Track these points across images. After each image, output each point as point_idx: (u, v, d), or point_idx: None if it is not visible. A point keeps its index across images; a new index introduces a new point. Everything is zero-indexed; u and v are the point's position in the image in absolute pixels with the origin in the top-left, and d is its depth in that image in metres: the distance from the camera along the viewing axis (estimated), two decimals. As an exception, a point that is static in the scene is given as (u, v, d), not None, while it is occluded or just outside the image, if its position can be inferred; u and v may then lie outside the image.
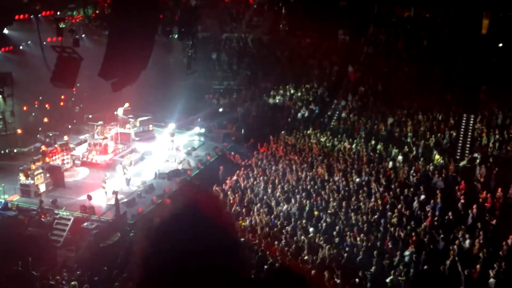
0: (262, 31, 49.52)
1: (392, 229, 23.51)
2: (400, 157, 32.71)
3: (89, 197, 27.18)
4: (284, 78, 46.32)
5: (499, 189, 27.42)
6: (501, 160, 31.65)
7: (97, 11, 30.89)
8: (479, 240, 22.42)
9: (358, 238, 22.58)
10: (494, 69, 39.64)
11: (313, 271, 20.14)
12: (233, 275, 2.17)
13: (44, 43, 31.91)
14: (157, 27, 24.49)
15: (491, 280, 19.67)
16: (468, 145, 35.35)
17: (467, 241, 22.61)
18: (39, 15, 31.51)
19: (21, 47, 36.62)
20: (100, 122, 36.64)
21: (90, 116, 40.84)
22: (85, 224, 25.91)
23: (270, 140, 36.37)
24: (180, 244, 2.15)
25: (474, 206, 25.47)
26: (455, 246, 22.00)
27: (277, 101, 43.94)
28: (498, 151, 32.90)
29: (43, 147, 32.21)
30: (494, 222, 24.10)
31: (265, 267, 19.89)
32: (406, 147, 34.36)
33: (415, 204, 26.27)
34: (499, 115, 35.78)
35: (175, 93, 45.94)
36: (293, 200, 26.88)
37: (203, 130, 39.65)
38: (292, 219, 24.95)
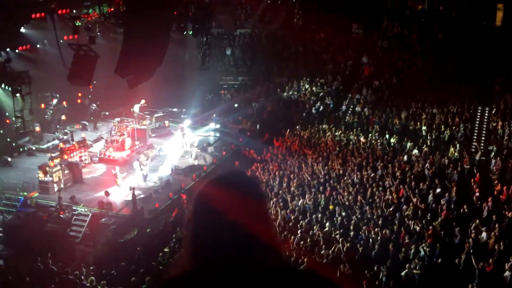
0: (276, 26, 49.56)
1: (407, 222, 23.59)
2: (415, 151, 32.74)
3: (107, 193, 27.45)
4: (299, 73, 46.40)
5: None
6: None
7: (112, 9, 31.07)
8: (495, 233, 22.42)
9: (373, 232, 22.67)
10: (509, 61, 39.46)
11: (328, 265, 20.29)
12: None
13: (61, 41, 32.25)
14: (172, 24, 24.73)
15: (507, 273, 19.65)
16: (483, 138, 35.25)
17: (483, 234, 22.64)
18: (55, 13, 31.79)
19: (38, 46, 36.96)
20: (117, 119, 36.95)
21: (107, 113, 41.21)
22: (103, 220, 26.19)
23: (285, 135, 36.52)
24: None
25: (490, 199, 25.44)
26: (470, 239, 22.03)
27: (292, 96, 44.03)
28: (513, 143, 32.82)
29: (61, 144, 32.54)
30: (510, 214, 24.05)
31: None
32: (420, 140, 34.36)
33: (430, 197, 26.29)
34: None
35: (190, 90, 46.22)
36: (308, 195, 27.00)
37: (218, 126, 39.83)
38: (308, 214, 25.08)
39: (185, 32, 34.61)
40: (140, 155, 32.87)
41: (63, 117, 38.55)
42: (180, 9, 30.23)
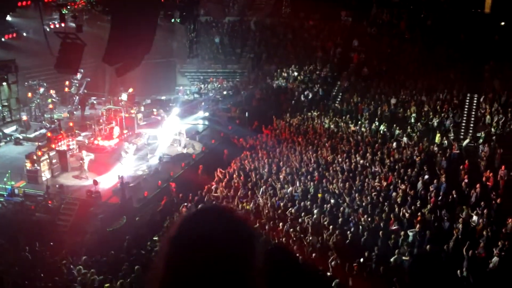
0: (264, 14, 49.43)
1: (396, 209, 23.66)
2: (404, 138, 32.82)
3: (95, 182, 27.32)
4: (288, 61, 46.34)
5: (503, 167, 27.53)
6: (504, 139, 31.73)
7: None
8: (483, 219, 22.57)
9: (362, 219, 22.71)
10: (497, 48, 39.62)
11: (317, 253, 20.34)
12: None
13: (48, 29, 31.97)
14: (159, 11, 24.59)
15: (495, 258, 19.77)
16: (472, 125, 35.37)
17: (474, 217, 22.79)
18: (41, 1, 31.48)
19: (24, 34, 36.65)
20: (105, 108, 36.71)
21: (94, 102, 40.96)
22: (92, 208, 26.10)
23: (274, 123, 36.47)
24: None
25: (478, 185, 25.59)
26: (460, 225, 22.15)
27: (281, 83, 43.98)
28: (501, 130, 32.99)
29: (49, 133, 32.30)
30: (498, 200, 24.18)
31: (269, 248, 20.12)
32: (409, 127, 34.44)
33: (419, 184, 26.38)
34: (502, 94, 35.77)
35: (178, 78, 46.14)
36: (297, 182, 27.00)
37: (207, 114, 39.69)
38: (297, 201, 25.08)
39: (173, 20, 34.41)
40: (129, 143, 32.71)
41: (50, 105, 38.22)
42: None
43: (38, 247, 21.62)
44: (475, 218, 22.81)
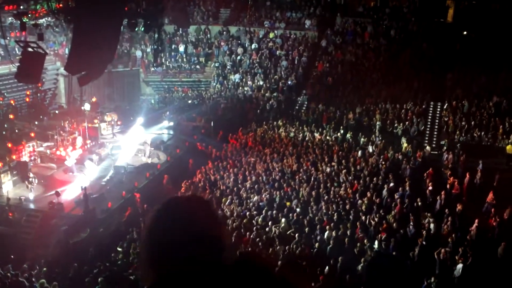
0: (229, 22, 49.43)
1: (362, 217, 23.72)
2: (369, 146, 33.01)
3: (57, 193, 26.84)
4: (252, 69, 46.37)
5: (467, 175, 27.84)
6: (467, 146, 32.17)
7: (61, 4, 30.34)
8: (447, 226, 22.77)
9: (328, 227, 22.70)
10: (459, 57, 40.28)
11: (282, 262, 20.23)
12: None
13: (8, 38, 31.39)
14: (122, 20, 24.31)
15: (459, 265, 19.92)
16: (435, 132, 35.80)
17: (432, 225, 22.98)
18: (1, 9, 30.86)
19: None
20: (68, 118, 36.15)
21: (57, 112, 40.33)
22: (54, 220, 25.62)
23: (239, 132, 36.37)
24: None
25: (442, 192, 25.84)
26: (424, 232, 22.32)
27: (246, 92, 43.96)
28: (464, 138, 33.46)
29: (9, 144, 31.64)
30: (460, 207, 24.41)
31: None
32: (374, 135, 34.66)
33: (385, 191, 26.51)
34: (465, 102, 36.28)
35: (142, 87, 45.77)
36: (263, 191, 26.92)
37: (172, 124, 39.38)
38: (263, 210, 24.98)
39: (136, 29, 34.12)
40: (92, 154, 32.28)
41: (11, 116, 37.48)
42: (132, 5, 29.75)
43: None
44: (432, 226, 23.02)
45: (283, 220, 23.54)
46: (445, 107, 37.07)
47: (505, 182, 27.46)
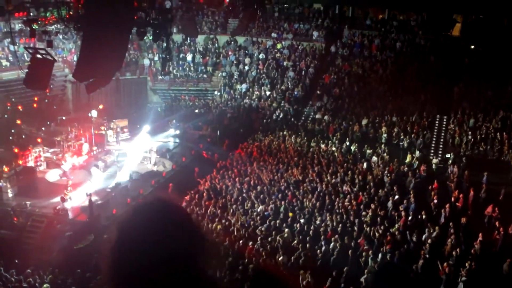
0: (237, 32, 49.58)
1: (367, 229, 23.67)
2: (374, 158, 32.98)
3: (63, 199, 26.93)
4: (259, 80, 46.47)
5: (471, 189, 27.77)
6: (473, 160, 32.11)
7: (71, 12, 30.53)
8: (451, 239, 22.67)
9: (332, 239, 22.67)
10: (466, 70, 40.32)
11: (288, 272, 20.22)
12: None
13: (17, 44, 31.61)
14: (131, 28, 24.42)
15: (463, 278, 19.84)
16: (441, 146, 35.74)
17: (436, 238, 22.92)
18: (12, 16, 31.16)
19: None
20: (75, 124, 36.30)
21: (64, 118, 40.48)
22: (59, 226, 25.68)
23: (245, 142, 36.40)
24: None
25: (447, 206, 25.75)
26: (427, 245, 22.23)
27: (253, 102, 44.02)
28: (470, 151, 33.41)
29: (15, 149, 31.79)
30: (465, 220, 24.32)
31: (240, 267, 20.00)
32: (379, 147, 34.62)
33: (389, 204, 26.46)
34: (471, 116, 36.26)
35: (149, 95, 45.87)
36: (268, 201, 26.91)
37: (178, 132, 39.46)
38: (267, 220, 24.97)
39: (145, 37, 34.29)
40: (98, 160, 32.38)
41: (18, 121, 37.66)
42: (141, 14, 29.90)
43: (2, 265, 21.15)
44: (434, 235, 23.03)
45: (286, 230, 23.53)
46: (451, 120, 37.03)
47: (511, 197, 27.36)
